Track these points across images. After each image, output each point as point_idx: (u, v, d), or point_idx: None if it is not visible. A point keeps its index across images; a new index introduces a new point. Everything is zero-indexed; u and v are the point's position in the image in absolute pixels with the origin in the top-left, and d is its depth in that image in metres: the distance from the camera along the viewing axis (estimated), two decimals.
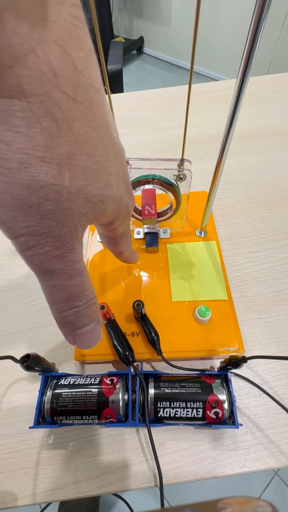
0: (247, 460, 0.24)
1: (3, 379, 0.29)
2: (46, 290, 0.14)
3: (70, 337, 0.16)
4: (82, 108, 0.11)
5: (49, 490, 0.24)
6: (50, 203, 0.11)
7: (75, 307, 0.14)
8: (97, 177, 0.12)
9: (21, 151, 0.10)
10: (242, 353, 0.28)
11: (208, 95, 0.58)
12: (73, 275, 0.14)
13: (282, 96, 0.56)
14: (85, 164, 0.12)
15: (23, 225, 0.11)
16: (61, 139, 0.10)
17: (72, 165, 0.11)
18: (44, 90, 0.09)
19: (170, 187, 0.28)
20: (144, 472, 0.24)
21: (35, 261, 0.12)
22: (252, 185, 0.42)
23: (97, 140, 0.12)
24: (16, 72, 0.09)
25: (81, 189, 0.12)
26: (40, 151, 0.10)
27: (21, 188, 0.10)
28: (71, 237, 0.13)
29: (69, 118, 0.10)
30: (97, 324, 0.16)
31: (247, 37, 0.16)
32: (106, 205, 0.14)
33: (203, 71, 2.25)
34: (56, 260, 0.13)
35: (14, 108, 0.09)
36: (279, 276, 0.33)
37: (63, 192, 0.11)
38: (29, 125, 0.10)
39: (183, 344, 0.28)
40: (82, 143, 0.11)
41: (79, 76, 0.10)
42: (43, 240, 0.12)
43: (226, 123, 0.21)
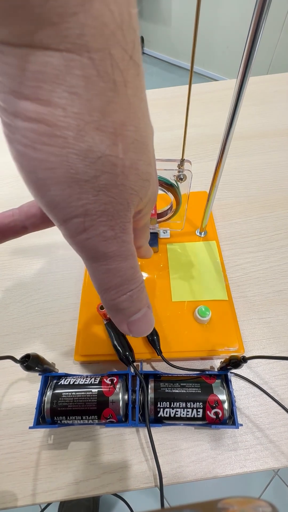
0: (247, 460, 0.24)
1: (3, 379, 0.29)
2: (99, 276, 0.13)
3: (124, 326, 0.15)
4: (134, 72, 0.09)
5: (49, 490, 0.24)
6: (106, 176, 0.10)
7: (129, 291, 0.13)
8: (143, 152, 0.11)
9: (78, 117, 0.09)
10: (242, 353, 0.28)
11: (208, 95, 0.58)
12: (126, 257, 0.13)
13: (282, 96, 0.56)
14: (135, 136, 0.11)
15: (79, 203, 0.10)
16: (117, 105, 0.09)
17: (124, 136, 0.10)
18: (105, 45, 0.08)
19: (170, 188, 0.28)
20: (144, 472, 0.24)
21: (90, 245, 0.11)
22: (252, 185, 0.42)
23: (141, 112, 0.11)
24: (80, 21, 0.07)
25: (133, 163, 0.11)
26: (96, 116, 0.09)
27: (78, 160, 0.09)
28: (124, 216, 0.12)
29: (125, 81, 0.09)
30: (149, 309, 0.15)
31: (247, 37, 0.16)
32: (149, 185, 0.13)
33: (203, 71, 2.25)
34: (110, 242, 0.12)
35: (73, 65, 0.08)
36: (279, 276, 0.33)
37: (118, 164, 0.10)
38: (87, 86, 0.08)
39: (183, 344, 0.28)
40: (132, 112, 0.10)
41: (134, 35, 0.09)
42: (98, 220, 0.11)
43: (226, 123, 0.21)
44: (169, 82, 2.26)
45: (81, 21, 0.08)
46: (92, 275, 0.13)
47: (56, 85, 0.08)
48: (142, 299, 0.14)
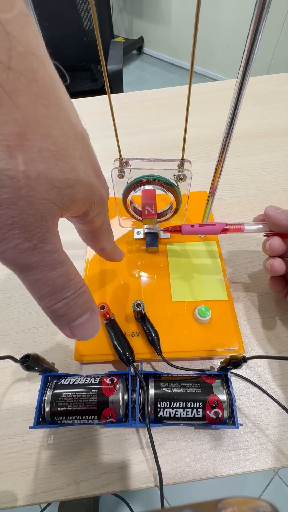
0: (247, 460, 0.24)
1: (3, 379, 0.29)
2: (29, 286, 0.13)
3: (67, 331, 0.15)
4: (24, 80, 0.09)
5: (49, 490, 0.24)
6: (7, 190, 0.10)
7: (64, 298, 0.14)
8: (59, 159, 0.11)
9: None
10: (242, 353, 0.28)
11: (208, 95, 0.58)
12: (53, 266, 0.13)
13: (282, 96, 0.56)
14: (41, 145, 0.10)
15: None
16: (4, 117, 0.09)
17: (25, 146, 0.10)
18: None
19: (170, 188, 0.28)
20: (144, 472, 0.24)
21: (7, 258, 0.11)
22: (252, 185, 0.42)
23: (51, 119, 0.11)
24: None
25: (41, 173, 0.11)
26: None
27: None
28: (40, 227, 0.12)
29: (9, 91, 0.09)
30: (93, 312, 0.15)
31: (247, 37, 0.16)
32: (75, 191, 0.13)
33: (203, 71, 2.25)
34: (30, 252, 0.12)
35: None
36: None
37: (18, 177, 0.10)
38: None
39: (183, 344, 0.28)
40: (33, 121, 0.10)
41: (12, 42, 0.09)
42: (8, 233, 0.11)
43: (226, 123, 0.21)
44: (169, 82, 2.26)
45: None
46: (24, 285, 0.13)
47: None
48: (82, 304, 0.14)
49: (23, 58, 0.09)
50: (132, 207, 0.32)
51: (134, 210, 0.32)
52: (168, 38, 2.30)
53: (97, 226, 0.18)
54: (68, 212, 0.13)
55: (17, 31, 0.09)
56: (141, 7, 2.29)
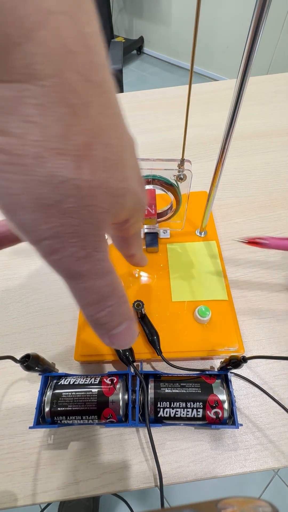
0: (247, 460, 0.24)
1: (3, 379, 0.29)
2: (76, 293, 0.13)
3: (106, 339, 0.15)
4: (97, 91, 0.10)
5: (49, 490, 0.24)
6: (72, 199, 0.10)
7: (108, 307, 0.14)
8: (116, 168, 0.11)
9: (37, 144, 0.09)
10: (242, 353, 0.28)
11: (208, 95, 0.58)
12: (102, 275, 0.13)
13: (282, 96, 0.56)
14: (104, 154, 0.11)
15: (46, 227, 0.10)
16: (77, 128, 0.09)
17: (91, 156, 0.10)
18: (57, 71, 0.08)
19: (170, 188, 0.28)
20: (144, 472, 0.24)
21: (62, 265, 0.12)
22: (252, 185, 0.42)
23: (112, 128, 0.11)
24: (25, 50, 0.08)
25: (103, 183, 0.11)
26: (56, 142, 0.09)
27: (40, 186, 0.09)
28: (96, 236, 0.12)
29: (85, 103, 0.09)
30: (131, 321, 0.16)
31: (247, 37, 0.16)
32: (126, 200, 0.13)
33: (203, 71, 2.25)
34: (83, 261, 0.12)
35: (26, 94, 0.08)
36: (279, 276, 0.33)
37: (83, 186, 0.10)
38: (43, 114, 0.09)
39: (183, 344, 0.28)
40: (99, 131, 0.10)
41: (92, 55, 0.09)
42: (68, 241, 0.11)
43: (226, 123, 0.21)
44: (169, 82, 2.26)
45: (26, 51, 0.08)
46: (70, 292, 0.13)
47: (9, 116, 0.08)
48: (123, 313, 0.15)
49: (99, 70, 0.09)
50: None
51: None
52: (168, 38, 2.30)
53: (132, 233, 0.18)
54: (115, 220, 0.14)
55: (95, 44, 0.09)
56: (141, 7, 2.29)
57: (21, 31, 0.07)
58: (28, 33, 0.07)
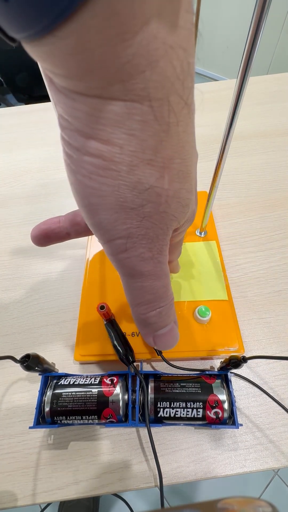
0: (247, 460, 0.24)
1: (3, 379, 0.29)
2: (133, 291, 0.14)
3: (150, 339, 0.16)
4: (187, 112, 0.10)
5: (49, 490, 0.24)
6: (151, 205, 0.11)
7: (159, 307, 0.15)
8: (186, 181, 0.12)
9: (132, 154, 0.10)
10: (242, 353, 0.28)
11: (208, 95, 0.58)
12: (160, 276, 0.14)
13: (282, 96, 0.56)
14: (180, 167, 0.12)
15: (123, 227, 0.11)
16: (167, 143, 0.10)
17: (171, 169, 0.11)
18: (165, 95, 0.09)
19: None
20: (144, 472, 0.24)
21: (128, 263, 0.13)
22: (252, 185, 0.42)
23: (189, 144, 0.12)
24: (146, 77, 0.09)
25: (176, 192, 0.12)
26: (149, 154, 0.10)
27: (127, 191, 0.11)
28: (162, 240, 0.13)
29: (178, 121, 0.10)
30: (175, 324, 0.16)
31: (247, 37, 0.16)
32: (189, 209, 0.14)
33: (203, 71, 2.25)
34: (147, 262, 0.13)
35: (134, 112, 0.09)
36: (279, 276, 0.33)
37: (162, 194, 0.11)
38: (143, 129, 0.10)
39: (183, 344, 0.28)
40: (180, 147, 0.11)
41: (191, 82, 0.10)
42: (138, 242, 0.12)
43: (226, 123, 0.21)
44: None
45: (147, 78, 0.09)
46: (127, 290, 0.14)
47: (116, 128, 0.09)
48: (170, 315, 0.15)
49: (192, 93, 0.10)
50: None
51: None
52: None
53: (177, 240, 0.19)
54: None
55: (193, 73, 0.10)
56: None
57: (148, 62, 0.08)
58: (152, 63, 0.08)
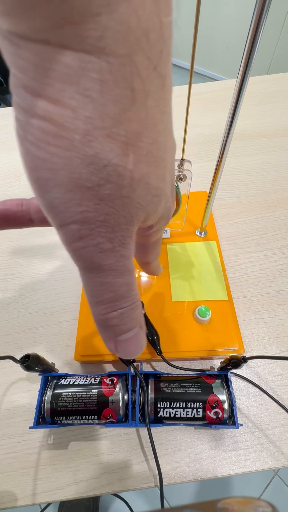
0: (247, 460, 0.24)
1: (3, 379, 0.29)
2: (91, 288, 0.12)
3: (111, 344, 0.14)
4: (158, 83, 0.09)
5: (49, 490, 0.24)
6: (111, 186, 0.10)
7: (121, 308, 0.13)
8: (157, 167, 0.11)
9: (88, 120, 0.08)
10: (242, 353, 0.28)
11: (208, 95, 0.58)
12: (122, 273, 0.12)
13: (282, 96, 0.56)
14: (150, 149, 0.10)
15: (78, 209, 0.10)
16: (132, 114, 0.09)
17: (137, 147, 0.10)
18: (127, 51, 0.08)
19: None
20: (144, 472, 0.24)
21: (85, 254, 0.11)
22: (252, 185, 0.42)
23: (162, 124, 0.10)
24: (102, 22, 0.07)
25: (143, 176, 0.10)
26: (109, 123, 0.09)
27: (82, 165, 0.09)
28: (125, 230, 0.11)
29: (146, 90, 0.09)
30: (140, 330, 0.15)
31: (247, 37, 0.16)
32: (160, 201, 0.12)
33: (203, 71, 2.25)
34: (107, 254, 0.11)
35: (90, 67, 0.08)
36: (279, 276, 0.33)
37: (125, 175, 0.10)
38: (102, 90, 0.08)
39: (183, 344, 0.28)
40: (151, 124, 0.10)
41: (163, 44, 0.08)
42: (96, 230, 0.10)
43: (226, 123, 0.21)
44: None
45: (104, 23, 0.07)
46: (85, 286, 0.12)
47: (67, 85, 0.08)
48: (134, 318, 0.14)
49: (165, 62, 0.09)
50: None
51: None
52: None
53: (153, 240, 0.17)
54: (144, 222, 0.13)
55: (167, 36, 0.09)
56: None
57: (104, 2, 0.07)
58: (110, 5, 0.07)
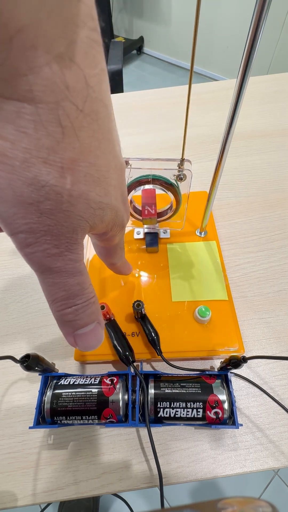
0: (247, 460, 0.24)
1: (3, 379, 0.29)
2: (46, 288, 0.14)
3: (71, 338, 0.16)
4: (89, 119, 0.11)
5: (49, 490, 0.24)
6: (50, 202, 0.12)
7: (75, 305, 0.15)
8: (98, 185, 0.13)
9: (25, 151, 0.10)
10: (242, 353, 0.28)
11: (208, 95, 0.58)
12: (72, 273, 0.14)
13: (282, 96, 0.56)
14: (88, 171, 0.12)
15: (23, 221, 0.12)
16: (65, 145, 0.11)
17: (74, 170, 0.12)
18: (54, 99, 0.10)
19: (170, 187, 0.28)
20: (144, 472, 0.24)
21: (34, 259, 0.13)
22: (252, 185, 0.42)
23: (100, 150, 0.12)
24: (29, 80, 0.09)
25: (82, 194, 0.12)
26: (44, 152, 0.11)
27: (23, 186, 0.11)
28: (70, 238, 0.13)
29: (76, 127, 0.11)
30: (98, 325, 0.16)
31: (247, 37, 0.16)
32: (105, 213, 0.14)
33: (203, 71, 2.25)
34: (55, 258, 0.13)
35: (24, 111, 0.10)
36: (279, 276, 0.33)
37: (63, 193, 0.12)
38: (36, 128, 0.10)
39: (183, 344, 0.28)
40: (86, 151, 0.12)
41: (89, 91, 0.11)
42: (41, 238, 0.12)
43: (226, 123, 0.21)
44: (169, 82, 2.26)
45: (30, 81, 0.09)
46: (42, 287, 0.14)
47: (6, 124, 0.10)
48: (90, 314, 0.15)
49: (92, 103, 0.11)
50: (132, 206, 0.32)
51: (134, 209, 0.32)
52: (168, 38, 2.30)
53: (112, 244, 0.20)
54: (94, 230, 0.15)
55: (95, 83, 0.11)
56: (141, 7, 2.29)
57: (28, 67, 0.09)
58: (34, 69, 0.09)
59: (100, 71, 0.11)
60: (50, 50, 0.09)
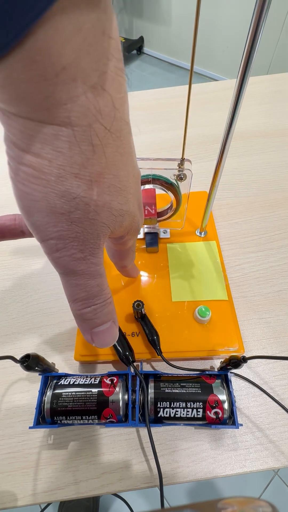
0: (247, 460, 0.24)
1: (3, 379, 0.29)
2: (68, 288, 0.16)
3: (88, 335, 0.17)
4: (114, 137, 0.13)
5: (49, 490, 0.24)
6: (79, 212, 0.13)
7: (94, 304, 0.16)
8: (120, 194, 0.14)
9: (60, 167, 0.12)
10: (242, 353, 0.28)
11: (208, 95, 0.58)
12: (93, 276, 0.15)
13: (282, 96, 0.56)
14: (111, 182, 0.14)
15: (54, 229, 0.13)
16: (94, 161, 0.12)
17: (100, 182, 0.13)
18: (88, 122, 0.11)
19: (170, 187, 0.28)
20: (144, 472, 0.24)
21: (61, 262, 0.14)
22: (252, 185, 0.42)
23: (122, 163, 0.14)
24: (68, 108, 0.11)
25: (106, 203, 0.14)
26: (76, 168, 0.12)
27: (56, 198, 0.12)
28: (93, 243, 0.14)
29: (104, 144, 0.12)
30: (113, 323, 0.18)
31: (247, 37, 0.16)
32: (124, 219, 0.16)
33: (203, 71, 2.25)
34: (79, 261, 0.14)
35: (61, 134, 0.11)
36: (279, 276, 0.33)
37: (91, 204, 0.13)
38: (71, 148, 0.12)
39: (183, 344, 0.28)
40: (111, 165, 0.13)
41: (115, 112, 0.12)
42: (69, 244, 0.14)
43: (226, 123, 0.21)
44: (169, 82, 2.26)
45: (69, 108, 0.11)
46: (64, 287, 0.16)
47: (45, 145, 0.11)
48: (107, 314, 0.17)
49: (118, 123, 0.13)
50: None
51: None
52: (168, 38, 2.30)
53: (126, 248, 0.21)
54: (113, 234, 0.16)
55: (120, 105, 0.12)
56: (141, 7, 2.29)
57: (68, 97, 0.10)
58: (72, 98, 0.10)
59: (124, 94, 0.13)
60: (86, 81, 0.11)
